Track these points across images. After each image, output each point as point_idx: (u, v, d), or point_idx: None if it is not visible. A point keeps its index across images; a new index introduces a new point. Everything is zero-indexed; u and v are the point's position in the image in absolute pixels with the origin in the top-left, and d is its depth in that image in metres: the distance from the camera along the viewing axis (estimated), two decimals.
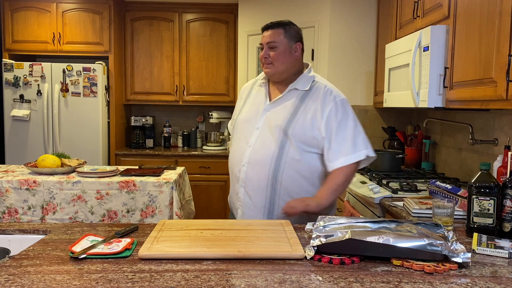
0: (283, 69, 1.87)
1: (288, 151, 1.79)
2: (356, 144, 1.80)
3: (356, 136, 1.81)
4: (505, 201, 1.45)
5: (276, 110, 1.86)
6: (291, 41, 1.88)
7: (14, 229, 1.55)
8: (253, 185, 1.83)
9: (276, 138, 1.80)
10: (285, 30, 1.87)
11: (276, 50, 1.85)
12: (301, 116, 1.80)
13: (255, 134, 1.85)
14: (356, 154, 1.79)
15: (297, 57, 1.91)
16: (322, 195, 1.77)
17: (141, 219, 2.67)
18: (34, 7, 4.38)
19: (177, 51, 4.73)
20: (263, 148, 1.81)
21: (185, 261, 1.23)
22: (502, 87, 1.66)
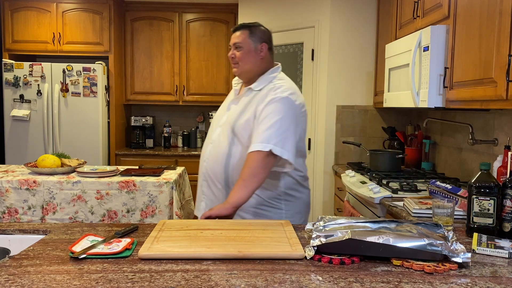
0: (248, 69, 1.96)
1: (237, 148, 1.87)
2: (267, 136, 1.74)
3: (270, 128, 1.76)
4: (505, 201, 1.45)
5: (234, 108, 1.97)
6: (256, 42, 1.95)
7: (14, 229, 1.55)
8: (212, 180, 1.93)
9: (227, 135, 1.90)
10: (250, 31, 1.96)
11: (241, 50, 1.94)
12: (247, 113, 1.88)
13: (217, 131, 1.97)
14: (261, 144, 1.73)
15: (262, 57, 1.97)
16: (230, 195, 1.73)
17: (141, 219, 2.67)
18: (34, 7, 4.38)
19: (177, 51, 4.73)
20: (218, 145, 1.93)
21: (185, 261, 1.23)
22: (502, 87, 1.66)
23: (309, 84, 3.76)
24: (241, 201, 1.72)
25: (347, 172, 3.01)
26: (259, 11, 4.15)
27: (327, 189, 3.68)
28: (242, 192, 1.72)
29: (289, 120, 1.81)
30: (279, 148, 1.75)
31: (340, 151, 3.66)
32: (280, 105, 1.81)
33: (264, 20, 4.11)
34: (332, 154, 3.66)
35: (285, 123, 1.79)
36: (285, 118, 1.80)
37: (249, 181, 1.72)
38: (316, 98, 3.69)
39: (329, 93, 3.62)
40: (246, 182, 1.72)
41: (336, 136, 3.65)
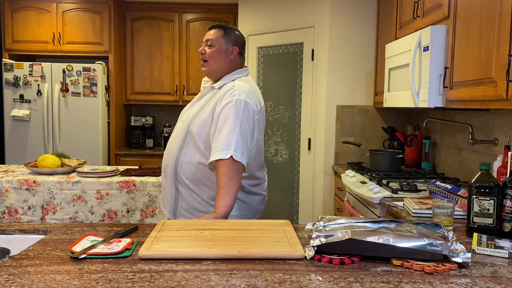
0: (216, 68, 1.97)
1: (187, 146, 1.90)
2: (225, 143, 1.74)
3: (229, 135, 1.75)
4: (505, 201, 1.45)
5: (195, 106, 1.99)
6: (228, 43, 1.97)
7: (14, 229, 1.55)
8: (166, 172, 1.98)
9: (181, 132, 1.93)
10: (225, 32, 1.98)
11: (212, 48, 1.96)
12: (204, 112, 1.90)
13: (179, 126, 2.00)
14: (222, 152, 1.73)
15: (232, 59, 1.98)
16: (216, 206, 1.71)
17: (141, 219, 2.67)
18: (34, 7, 4.38)
19: (177, 51, 4.73)
20: (173, 141, 1.97)
21: (185, 261, 1.23)
22: (502, 87, 1.66)
23: (309, 84, 3.76)
24: (228, 207, 1.70)
25: (347, 172, 3.01)
26: (259, 11, 4.15)
27: (327, 189, 3.68)
28: (225, 199, 1.70)
29: (245, 124, 1.80)
30: (239, 154, 1.73)
31: (340, 151, 3.66)
32: (237, 108, 1.79)
33: (264, 20, 4.12)
34: (332, 154, 3.66)
35: (242, 128, 1.77)
36: (243, 123, 1.78)
37: (227, 187, 1.71)
38: (316, 98, 3.69)
39: (329, 93, 3.62)
40: (224, 189, 1.70)
41: (336, 136, 3.65)
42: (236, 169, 1.73)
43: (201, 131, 1.86)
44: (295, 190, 3.94)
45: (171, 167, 1.93)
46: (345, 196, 3.04)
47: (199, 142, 1.86)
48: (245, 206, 1.98)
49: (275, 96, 4.07)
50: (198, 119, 1.89)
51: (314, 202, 3.75)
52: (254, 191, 2.01)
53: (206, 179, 1.88)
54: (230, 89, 1.86)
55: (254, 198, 2.02)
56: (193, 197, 1.91)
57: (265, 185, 2.10)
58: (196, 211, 1.91)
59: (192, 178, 1.89)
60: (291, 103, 3.94)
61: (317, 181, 3.71)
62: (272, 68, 4.09)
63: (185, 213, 1.93)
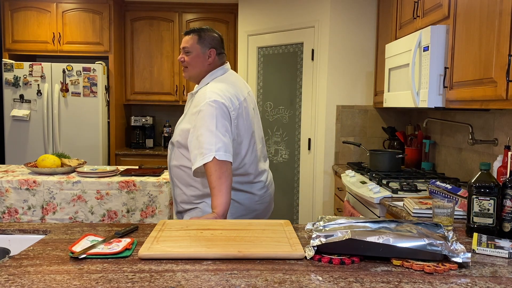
0: (195, 73, 2.00)
1: (176, 150, 1.99)
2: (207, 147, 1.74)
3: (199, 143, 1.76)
4: (505, 201, 1.45)
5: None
6: (204, 47, 1.97)
7: (14, 229, 1.55)
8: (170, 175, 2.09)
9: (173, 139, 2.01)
10: (200, 36, 1.98)
11: (189, 55, 1.98)
12: (183, 121, 1.97)
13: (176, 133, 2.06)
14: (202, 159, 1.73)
15: (210, 63, 1.99)
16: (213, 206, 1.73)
17: (141, 219, 2.67)
18: (34, 7, 4.38)
19: (177, 51, 4.73)
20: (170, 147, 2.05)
21: (185, 261, 1.23)
22: (502, 87, 1.66)
23: (309, 84, 3.76)
24: (225, 205, 1.71)
25: (347, 172, 3.01)
26: (259, 11, 4.15)
27: (327, 189, 3.68)
28: (220, 198, 1.71)
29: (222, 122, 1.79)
30: (222, 153, 1.73)
31: (340, 151, 3.66)
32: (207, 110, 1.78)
33: (264, 20, 4.12)
34: (332, 154, 3.66)
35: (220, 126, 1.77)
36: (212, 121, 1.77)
37: (218, 186, 1.71)
38: (316, 98, 3.69)
39: (329, 93, 3.62)
40: (216, 188, 1.71)
41: (336, 136, 3.65)
42: (223, 167, 1.72)
43: (180, 139, 1.93)
44: (295, 190, 3.94)
45: (169, 171, 2.07)
46: (345, 196, 3.04)
47: (181, 149, 1.94)
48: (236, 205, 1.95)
49: (275, 96, 4.07)
50: (178, 129, 1.98)
51: (314, 202, 3.75)
52: (243, 189, 1.97)
53: (192, 181, 1.95)
54: (202, 94, 1.87)
55: (245, 196, 1.99)
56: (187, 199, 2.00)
57: (261, 185, 2.04)
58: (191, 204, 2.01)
59: (181, 180, 1.99)
60: (291, 103, 3.94)
61: (317, 181, 3.72)
62: (272, 68, 4.09)
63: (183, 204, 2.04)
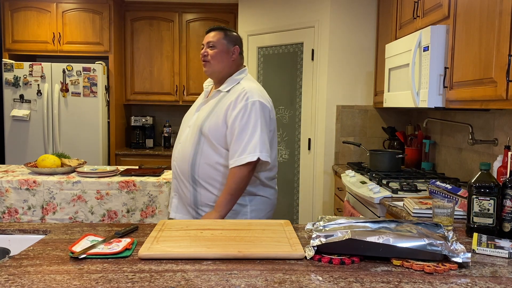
0: (219, 69, 2.01)
1: (203, 148, 1.93)
2: (252, 146, 1.83)
3: (251, 139, 1.84)
4: (505, 201, 1.45)
5: (202, 110, 2.01)
6: (229, 43, 2.02)
7: (14, 229, 1.55)
8: (181, 178, 2.00)
9: (194, 136, 1.95)
10: (225, 33, 2.03)
11: (214, 50, 2.00)
12: (215, 115, 1.93)
13: (186, 132, 2.02)
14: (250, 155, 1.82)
15: (234, 59, 2.04)
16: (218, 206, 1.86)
17: (141, 219, 2.67)
18: (34, 7, 4.38)
19: (177, 51, 4.73)
20: (185, 145, 1.98)
21: (185, 261, 1.23)
22: (502, 87, 1.66)
23: (309, 84, 3.76)
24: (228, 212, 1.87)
25: (347, 172, 3.01)
26: (259, 11, 4.15)
27: (327, 189, 3.68)
28: (230, 205, 1.86)
29: (264, 123, 1.89)
30: (265, 153, 1.85)
31: (340, 151, 3.66)
32: (254, 110, 1.87)
33: (264, 20, 4.12)
34: (332, 154, 3.66)
35: (257, 127, 1.86)
36: (257, 122, 1.87)
37: (235, 195, 1.85)
38: (316, 98, 3.69)
39: (329, 93, 3.62)
40: (233, 197, 1.85)
41: (336, 136, 3.65)
42: (248, 179, 1.86)
43: (214, 133, 1.91)
44: (295, 190, 3.94)
45: (188, 171, 1.96)
46: (345, 196, 3.04)
47: (215, 143, 1.91)
48: (266, 200, 2.04)
49: (275, 96, 4.06)
50: (210, 122, 1.93)
51: (314, 202, 3.75)
52: (270, 185, 2.06)
53: (223, 178, 1.93)
54: (242, 92, 1.91)
55: (271, 192, 2.07)
56: (212, 198, 1.95)
57: (276, 181, 2.14)
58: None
59: (208, 179, 1.94)
60: (291, 103, 3.94)
61: (317, 181, 3.71)
62: (272, 68, 4.09)
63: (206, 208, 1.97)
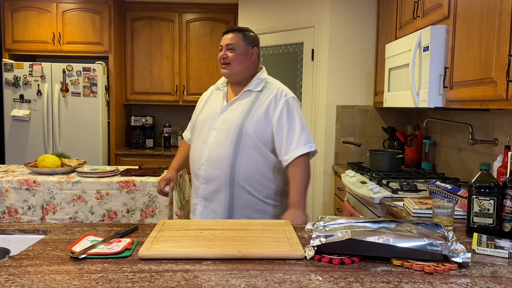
0: (239, 70, 2.00)
1: (244, 149, 1.90)
2: (305, 138, 1.93)
3: (303, 131, 1.93)
4: (505, 201, 1.45)
5: (231, 110, 1.98)
6: (248, 45, 2.02)
7: (14, 229, 1.55)
8: (213, 181, 1.94)
9: (232, 137, 1.91)
10: (244, 35, 2.02)
11: (234, 52, 2.00)
12: (255, 114, 1.93)
13: (213, 134, 1.97)
14: (307, 146, 1.92)
15: (253, 61, 2.04)
16: (298, 202, 1.88)
17: (141, 219, 2.67)
18: (34, 7, 4.38)
19: (177, 51, 4.73)
20: (220, 147, 1.93)
21: (185, 261, 1.23)
22: (502, 87, 1.66)
23: (309, 84, 3.76)
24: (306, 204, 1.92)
25: (347, 172, 3.01)
26: (259, 11, 4.15)
27: (327, 189, 3.68)
28: (305, 197, 1.91)
29: (302, 115, 1.99)
30: (313, 144, 1.96)
31: (340, 151, 3.66)
32: (295, 106, 1.96)
33: (264, 20, 4.12)
34: (332, 154, 3.66)
35: (302, 120, 1.96)
36: (301, 116, 1.97)
37: (306, 186, 1.91)
38: (316, 98, 3.69)
39: (329, 93, 3.62)
40: (305, 187, 1.91)
41: (336, 136, 3.65)
42: (308, 166, 1.94)
43: (258, 132, 1.91)
44: None
45: (224, 174, 1.90)
46: (345, 196, 3.04)
47: (258, 142, 1.91)
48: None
49: None
50: (252, 121, 1.91)
51: (314, 202, 3.75)
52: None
53: (263, 178, 1.93)
54: (278, 90, 1.97)
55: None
56: (250, 199, 1.93)
57: None
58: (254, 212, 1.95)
59: (250, 180, 1.91)
60: None
61: (317, 181, 3.71)
62: (272, 68, 4.08)
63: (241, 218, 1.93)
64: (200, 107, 2.16)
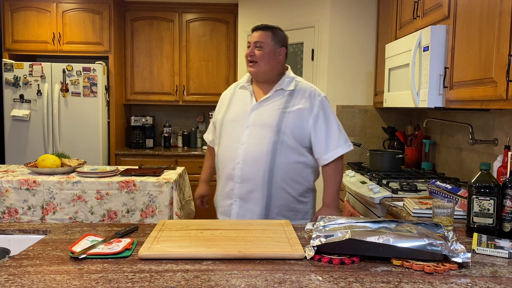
0: (266, 69, 1.98)
1: (282, 147, 1.89)
2: (344, 137, 2.01)
3: (340, 130, 2.00)
4: (505, 201, 1.45)
5: (264, 108, 1.95)
6: (276, 44, 2.00)
7: (14, 229, 1.55)
8: (250, 181, 1.91)
9: (269, 135, 1.89)
10: (273, 33, 2.00)
11: (262, 50, 1.97)
12: (291, 113, 1.92)
13: (246, 132, 1.93)
14: (347, 145, 1.99)
15: (280, 60, 2.02)
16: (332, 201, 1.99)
17: (141, 219, 2.67)
18: (34, 7, 4.38)
19: (177, 51, 4.73)
20: (257, 145, 1.90)
21: (185, 261, 1.23)
22: (502, 87, 1.66)
23: None
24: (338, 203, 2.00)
25: (347, 172, 3.01)
26: (259, 11, 4.15)
27: None
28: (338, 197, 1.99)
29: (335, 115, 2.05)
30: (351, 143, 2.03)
31: None
32: (329, 105, 2.02)
33: (264, 20, 4.10)
34: None
35: (337, 120, 2.03)
36: (335, 115, 2.03)
37: (339, 186, 2.01)
38: None
39: (329, 93, 3.62)
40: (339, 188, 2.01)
41: None
42: (342, 166, 2.02)
43: (295, 130, 1.91)
44: None
45: (262, 172, 1.89)
46: (345, 196, 3.04)
47: (295, 141, 1.92)
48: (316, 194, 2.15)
49: None
50: (289, 120, 1.91)
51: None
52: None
53: (299, 176, 1.95)
54: (311, 89, 2.00)
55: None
56: (286, 198, 1.94)
57: None
58: (288, 210, 1.96)
59: (287, 179, 1.92)
60: None
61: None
62: None
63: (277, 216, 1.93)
64: (225, 106, 2.08)
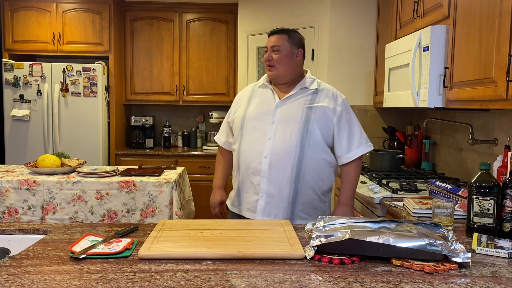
0: (284, 72, 2.00)
1: (309, 144, 1.92)
2: (366, 137, 2.03)
3: (361, 131, 2.03)
4: (505, 201, 1.45)
5: (290, 105, 1.98)
6: (293, 46, 2.01)
7: (14, 229, 1.55)
8: (277, 175, 1.91)
9: (297, 130, 1.92)
10: (289, 36, 2.02)
11: (279, 54, 1.99)
12: (317, 111, 1.95)
13: (272, 128, 1.95)
14: (368, 145, 2.02)
15: (298, 62, 2.04)
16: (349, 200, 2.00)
17: (141, 219, 2.67)
18: (34, 7, 4.38)
19: (177, 51, 4.73)
20: (285, 140, 1.92)
21: (185, 261, 1.23)
22: (502, 87, 1.66)
23: None
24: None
25: None
26: (259, 11, 4.15)
27: None
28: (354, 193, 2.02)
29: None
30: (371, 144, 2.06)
31: None
32: (350, 108, 2.05)
33: (264, 20, 4.12)
34: None
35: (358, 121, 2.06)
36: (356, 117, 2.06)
37: (357, 182, 2.02)
38: None
39: None
40: (355, 188, 2.02)
41: None
42: (361, 166, 2.04)
43: (322, 128, 1.94)
44: None
45: (290, 168, 1.89)
46: None
47: (322, 138, 1.94)
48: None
49: None
50: (315, 117, 1.94)
51: None
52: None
53: (324, 174, 1.97)
54: (333, 90, 2.04)
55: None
56: (310, 195, 1.95)
57: None
58: (311, 208, 1.96)
59: (314, 175, 1.94)
60: None
61: None
62: None
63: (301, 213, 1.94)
64: (245, 104, 2.07)
